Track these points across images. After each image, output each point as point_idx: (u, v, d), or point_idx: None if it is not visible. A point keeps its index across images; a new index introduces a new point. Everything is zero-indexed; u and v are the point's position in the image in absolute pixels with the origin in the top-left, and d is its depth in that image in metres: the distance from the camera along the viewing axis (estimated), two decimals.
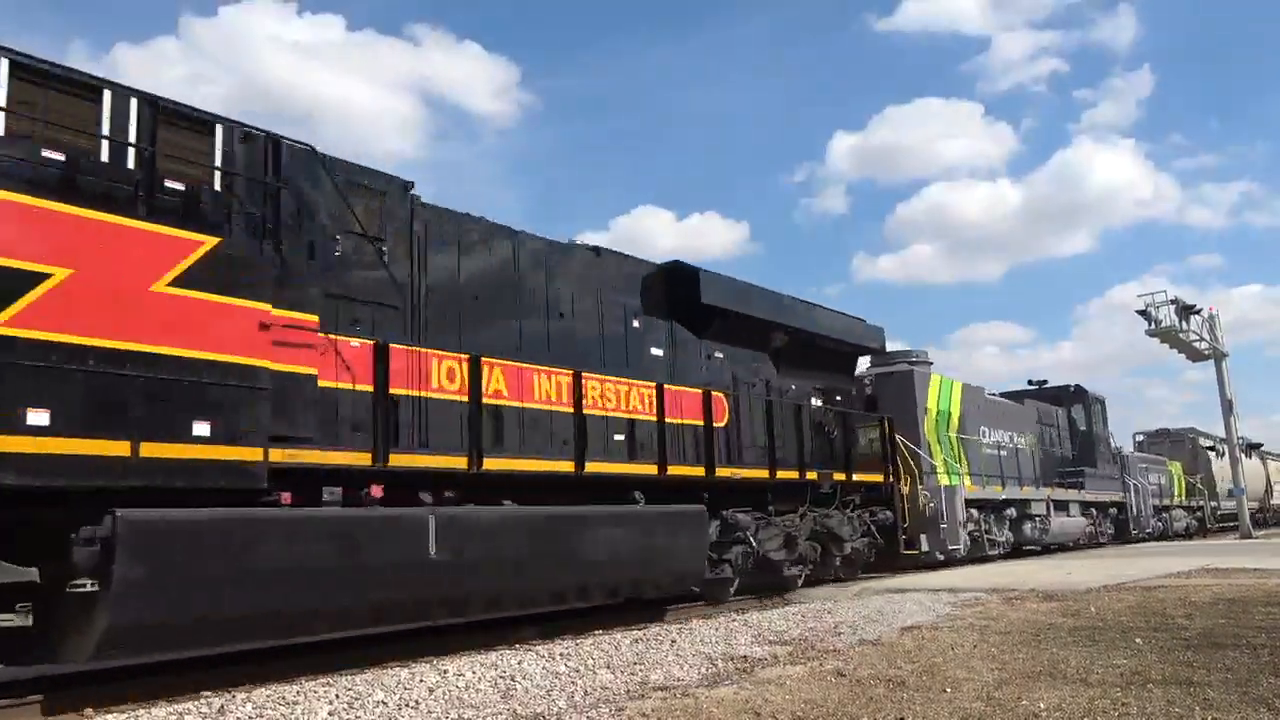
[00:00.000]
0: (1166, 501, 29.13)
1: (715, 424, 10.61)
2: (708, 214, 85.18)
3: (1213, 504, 33.86)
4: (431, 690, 5.63)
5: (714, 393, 10.75)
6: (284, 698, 5.36)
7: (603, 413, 9.28)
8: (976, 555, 17.10)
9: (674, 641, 7.55)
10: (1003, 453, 19.46)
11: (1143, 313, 26.84)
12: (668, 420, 9.92)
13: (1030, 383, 24.54)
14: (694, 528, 9.82)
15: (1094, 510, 22.88)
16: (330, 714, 5.09)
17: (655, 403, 9.79)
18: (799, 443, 12.01)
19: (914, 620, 8.78)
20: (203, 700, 5.44)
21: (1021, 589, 11.26)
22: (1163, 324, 26.93)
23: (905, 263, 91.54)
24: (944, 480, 16.12)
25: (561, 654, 6.92)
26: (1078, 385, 24.54)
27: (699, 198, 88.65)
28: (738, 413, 11.25)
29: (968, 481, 17.16)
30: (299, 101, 60.70)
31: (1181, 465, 32.60)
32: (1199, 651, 6.38)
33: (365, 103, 60.90)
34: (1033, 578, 12.82)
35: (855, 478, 13.06)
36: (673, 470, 9.82)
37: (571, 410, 8.84)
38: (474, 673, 6.14)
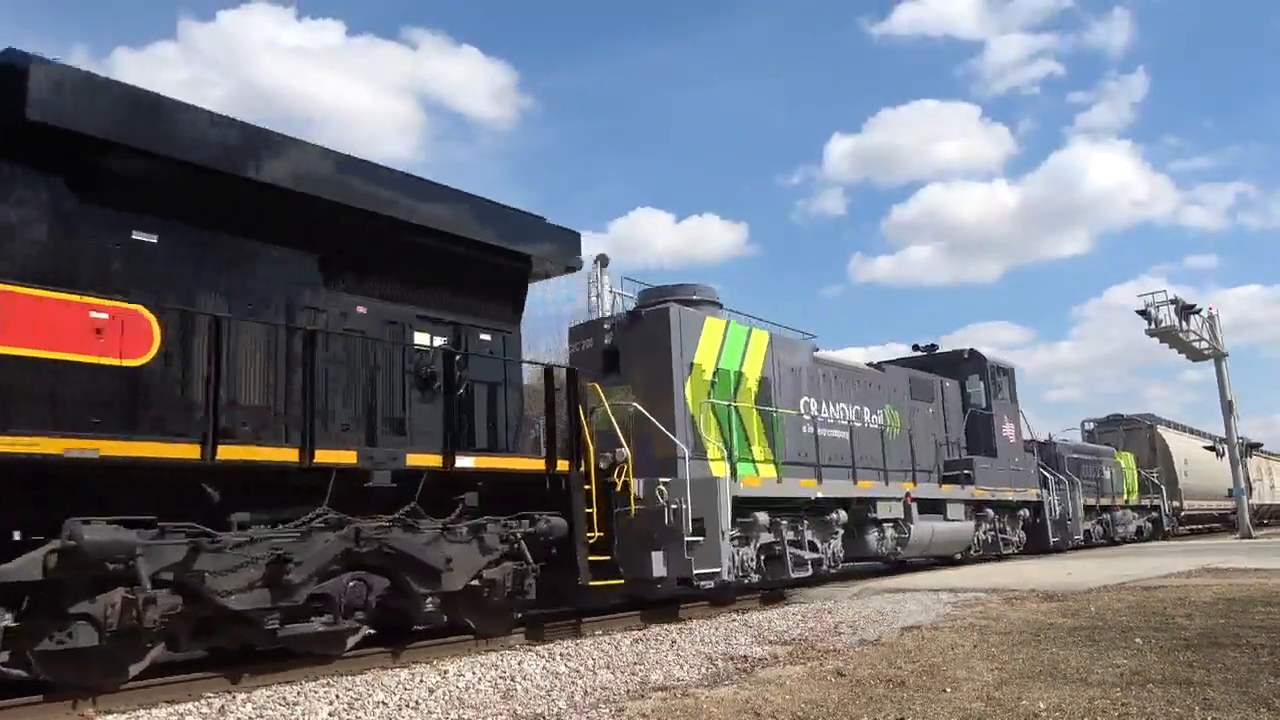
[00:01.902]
0: (1107, 501, 24.45)
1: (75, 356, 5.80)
2: (707, 215, 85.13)
3: (1174, 503, 29.58)
4: (432, 691, 5.64)
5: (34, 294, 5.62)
6: (284, 698, 5.37)
7: None
8: (777, 581, 11.89)
9: (674, 642, 7.55)
10: (835, 434, 13.90)
11: (1143, 313, 26.84)
12: None
13: (915, 347, 19.23)
14: None
15: (991, 512, 17.56)
16: (330, 714, 5.10)
17: None
18: (306, 399, 6.77)
19: (914, 620, 8.78)
20: (203, 700, 5.45)
21: (1021, 589, 11.26)
22: (1163, 324, 26.92)
23: (903, 264, 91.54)
24: (717, 470, 11.11)
25: (562, 654, 6.92)
26: (973, 350, 18.81)
27: (698, 199, 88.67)
28: (182, 345, 6.56)
29: (767, 470, 12.17)
30: (298, 105, 60.69)
31: (1135, 457, 28.10)
32: (1199, 651, 6.38)
33: (365, 106, 60.86)
34: (1033, 578, 12.80)
35: (466, 463, 7.78)
36: None
37: None
38: (474, 673, 6.15)
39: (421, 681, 5.86)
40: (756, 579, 11.32)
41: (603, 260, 11.69)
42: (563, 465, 8.68)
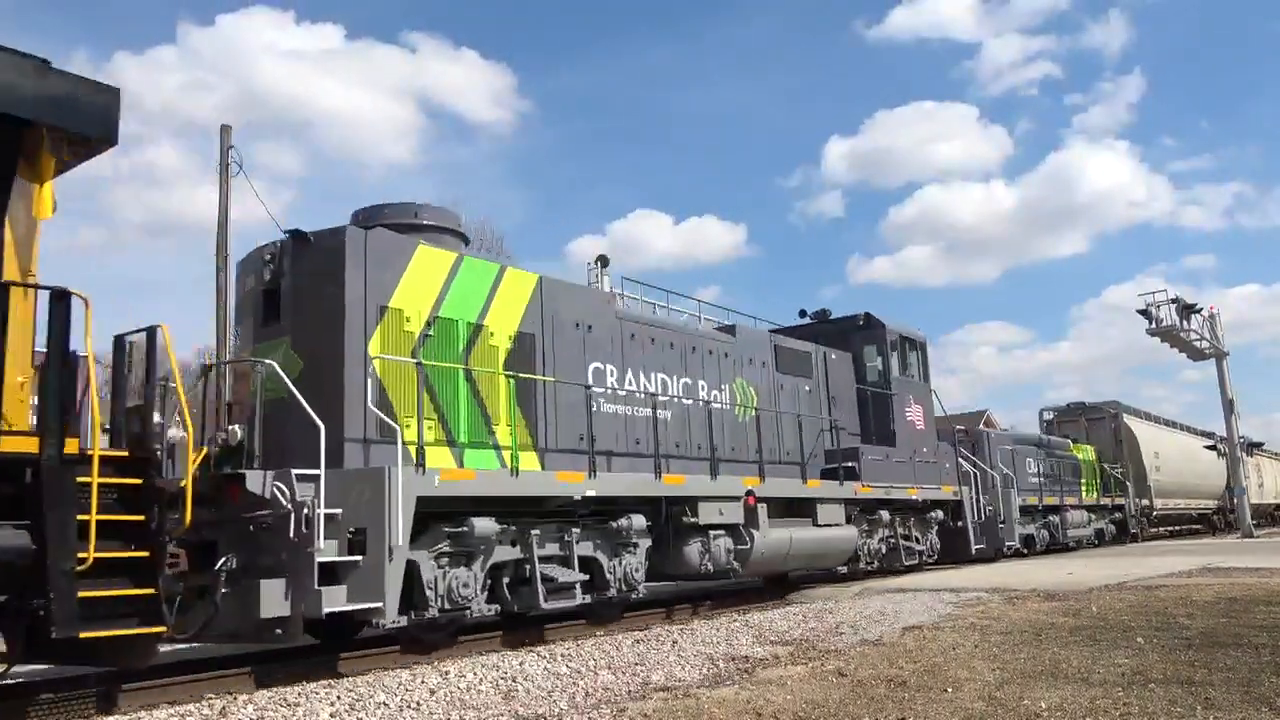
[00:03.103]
0: (1055, 500, 21.45)
1: None
2: (706, 217, 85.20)
3: (1143, 501, 26.80)
4: (433, 692, 5.63)
5: None
6: (285, 699, 5.36)
7: None
8: (525, 614, 9.05)
9: (675, 642, 7.55)
10: (640, 412, 10.65)
11: (1143, 312, 26.86)
12: None
13: (802, 313, 16.25)
14: None
15: (886, 514, 14.36)
16: (332, 715, 5.09)
17: None
18: None
19: (915, 620, 8.77)
20: (204, 702, 5.45)
21: (1023, 589, 11.25)
22: (1163, 323, 26.94)
23: (901, 264, 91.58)
24: (417, 458, 7.85)
25: (563, 655, 6.91)
26: (869, 315, 15.56)
27: (697, 201, 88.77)
28: None
29: (527, 460, 9.08)
30: (298, 109, 60.71)
31: (1096, 450, 25.48)
32: (1200, 651, 6.37)
33: (364, 109, 60.83)
34: (1034, 577, 12.80)
35: None
36: None
37: None
38: (475, 674, 6.14)
39: (423, 683, 5.85)
40: (490, 612, 8.42)
41: (603, 261, 11.57)
42: (10, 444, 5.28)
